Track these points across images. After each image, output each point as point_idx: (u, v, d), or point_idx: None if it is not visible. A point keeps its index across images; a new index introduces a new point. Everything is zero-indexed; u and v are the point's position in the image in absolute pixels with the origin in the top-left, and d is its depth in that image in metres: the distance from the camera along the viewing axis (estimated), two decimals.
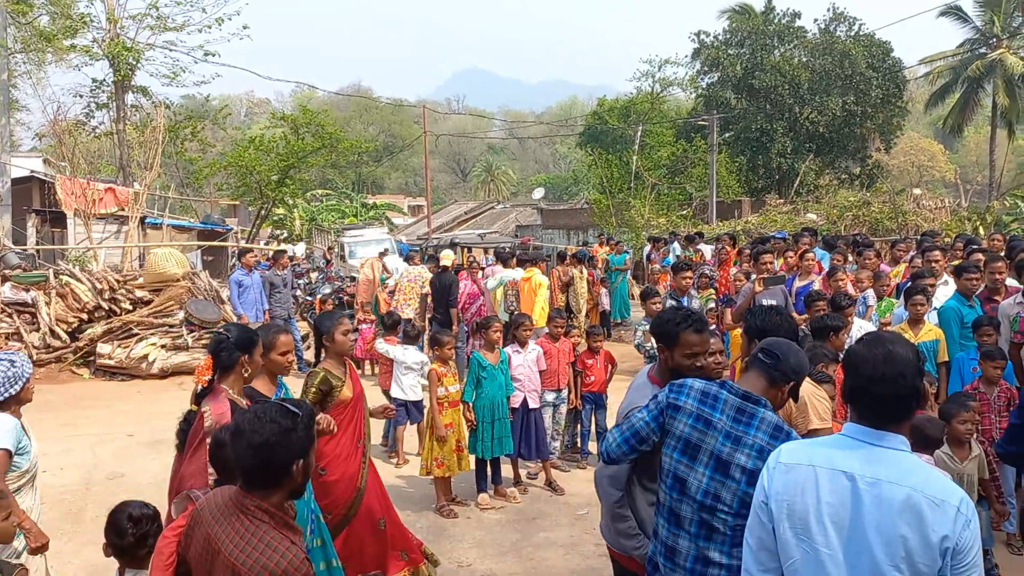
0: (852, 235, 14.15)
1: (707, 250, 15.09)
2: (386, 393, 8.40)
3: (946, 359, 6.56)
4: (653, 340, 3.64)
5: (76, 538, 6.12)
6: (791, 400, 3.18)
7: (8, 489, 3.78)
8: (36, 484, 4.15)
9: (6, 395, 3.87)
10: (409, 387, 8.00)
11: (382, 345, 8.32)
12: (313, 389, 4.73)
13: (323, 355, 5.07)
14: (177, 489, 3.62)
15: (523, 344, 7.24)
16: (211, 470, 3.38)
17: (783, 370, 2.96)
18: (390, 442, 8.31)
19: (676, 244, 16.50)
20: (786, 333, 3.49)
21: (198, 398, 3.77)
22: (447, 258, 11.95)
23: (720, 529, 2.87)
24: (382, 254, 16.08)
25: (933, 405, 5.68)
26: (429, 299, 11.73)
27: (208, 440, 3.58)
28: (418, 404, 8.01)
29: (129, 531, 3.39)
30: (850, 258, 9.92)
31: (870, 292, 8.00)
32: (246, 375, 3.90)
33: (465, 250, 18.84)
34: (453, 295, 11.29)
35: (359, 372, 12.02)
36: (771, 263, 8.28)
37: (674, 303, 8.45)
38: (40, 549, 3.89)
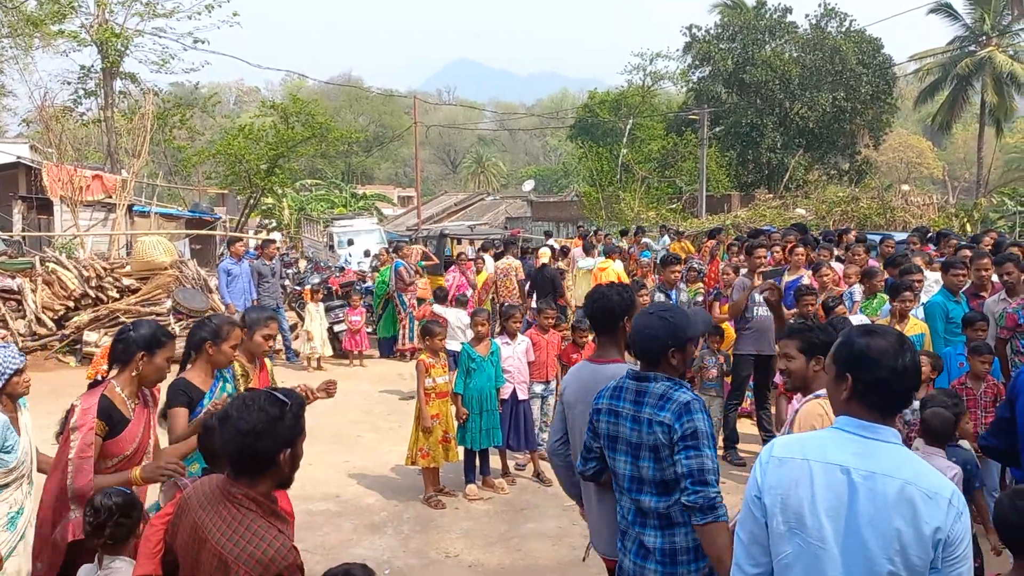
0: (838, 230, 14.21)
1: (649, 243, 15.70)
2: None
3: None
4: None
5: None
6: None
7: None
8: (27, 484, 3.90)
9: None
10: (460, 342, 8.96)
11: (438, 307, 9.92)
12: (238, 369, 4.49)
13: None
14: (57, 482, 3.50)
15: (512, 336, 7.25)
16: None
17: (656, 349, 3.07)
18: None
19: (666, 237, 16.60)
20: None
21: (90, 388, 3.67)
22: (545, 255, 12.47)
23: (650, 511, 2.98)
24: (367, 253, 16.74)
25: None
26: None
27: (72, 435, 3.44)
28: None
29: (105, 517, 3.35)
30: (835, 251, 9.96)
31: (857, 287, 8.01)
32: (134, 375, 3.68)
33: (455, 242, 18.81)
34: (559, 288, 11.90)
35: (357, 365, 12.21)
36: (764, 256, 8.26)
37: (663, 296, 8.45)
38: None
